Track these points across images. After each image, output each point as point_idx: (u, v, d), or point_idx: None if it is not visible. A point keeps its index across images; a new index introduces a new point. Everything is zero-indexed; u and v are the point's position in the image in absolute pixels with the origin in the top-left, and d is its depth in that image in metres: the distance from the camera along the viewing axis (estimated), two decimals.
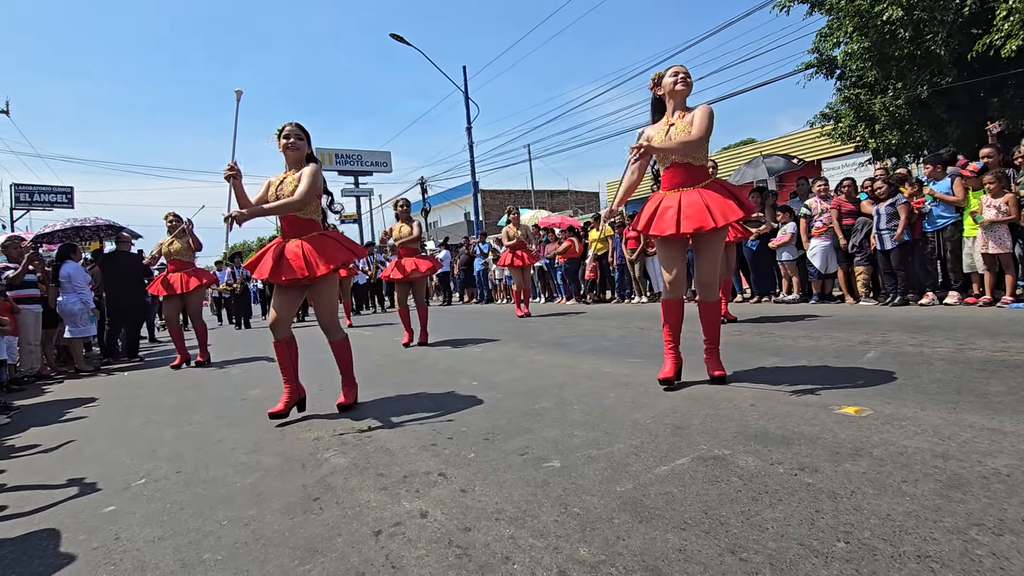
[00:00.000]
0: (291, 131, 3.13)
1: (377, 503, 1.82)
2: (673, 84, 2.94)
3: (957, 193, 5.55)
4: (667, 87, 2.97)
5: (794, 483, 1.64)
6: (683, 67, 2.97)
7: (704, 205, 2.83)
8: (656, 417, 2.44)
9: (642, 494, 1.67)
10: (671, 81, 2.95)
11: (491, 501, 1.74)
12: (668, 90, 2.97)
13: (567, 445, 2.18)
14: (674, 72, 2.96)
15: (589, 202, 33.08)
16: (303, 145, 3.16)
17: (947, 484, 1.55)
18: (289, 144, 3.10)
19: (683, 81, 2.93)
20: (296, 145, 3.12)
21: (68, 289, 6.54)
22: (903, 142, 10.14)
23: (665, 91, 3.00)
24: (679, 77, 2.94)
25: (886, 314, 5.28)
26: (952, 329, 4.09)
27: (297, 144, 3.13)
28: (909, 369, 2.94)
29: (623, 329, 5.72)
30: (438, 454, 2.25)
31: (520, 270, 8.26)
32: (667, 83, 2.97)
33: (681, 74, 2.94)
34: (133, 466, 2.56)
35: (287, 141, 3.11)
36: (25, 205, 25.22)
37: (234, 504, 1.96)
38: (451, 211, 32.34)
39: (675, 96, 2.96)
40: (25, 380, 5.96)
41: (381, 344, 6.52)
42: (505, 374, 3.80)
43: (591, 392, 3.04)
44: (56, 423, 3.79)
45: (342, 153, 30.33)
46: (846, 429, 2.06)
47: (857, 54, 9.23)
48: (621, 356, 4.11)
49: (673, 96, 2.97)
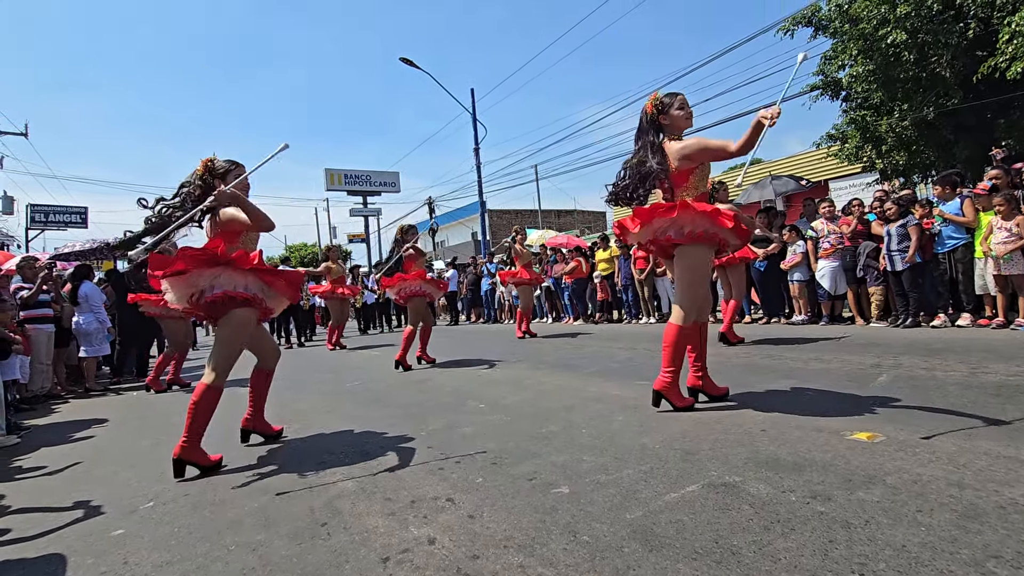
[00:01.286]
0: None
1: (385, 528, 1.81)
2: (685, 118, 2.96)
3: (967, 214, 5.54)
4: (676, 119, 2.96)
5: (807, 512, 1.62)
6: (686, 99, 2.99)
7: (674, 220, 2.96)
8: (665, 442, 2.42)
9: (652, 522, 1.65)
10: (681, 114, 2.95)
11: (499, 528, 1.73)
12: (675, 123, 2.96)
13: (576, 470, 2.17)
14: (682, 104, 2.96)
15: (596, 222, 33.20)
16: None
17: (963, 514, 1.52)
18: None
19: (690, 116, 2.99)
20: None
21: (85, 309, 6.61)
22: (910, 163, 10.15)
23: (671, 121, 2.97)
24: (688, 112, 2.97)
25: (897, 336, 5.23)
26: (965, 352, 4.04)
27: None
28: (922, 394, 2.90)
29: (630, 351, 5.70)
30: (446, 478, 2.24)
31: (524, 290, 8.38)
32: (677, 115, 2.95)
33: (688, 108, 2.98)
34: (141, 488, 2.56)
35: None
36: (40, 225, 25.67)
37: (242, 528, 1.95)
38: (458, 231, 32.53)
39: (680, 128, 2.99)
40: (35, 399, 6.00)
41: (388, 365, 6.52)
42: (512, 396, 3.79)
43: (599, 415, 3.02)
44: (66, 443, 3.81)
45: (351, 173, 30.75)
46: (859, 456, 2.03)
47: (862, 76, 9.30)
48: (629, 378, 4.08)
49: (678, 127, 2.98)
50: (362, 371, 6.18)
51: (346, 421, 3.51)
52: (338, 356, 8.25)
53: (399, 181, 32.05)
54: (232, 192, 2.72)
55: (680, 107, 2.96)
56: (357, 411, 3.82)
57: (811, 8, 10.39)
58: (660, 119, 2.99)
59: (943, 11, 8.36)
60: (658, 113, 2.98)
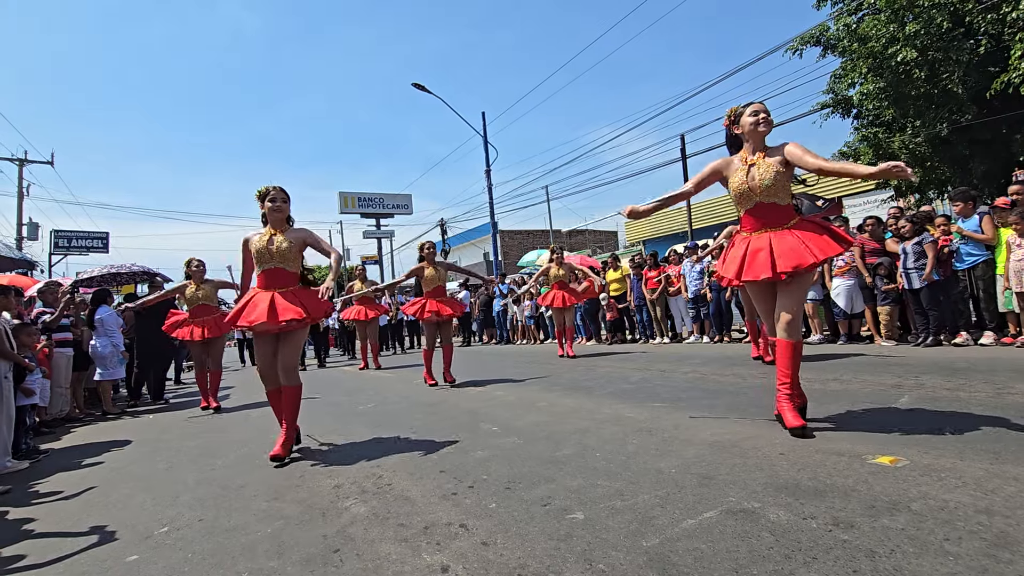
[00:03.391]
0: (276, 195, 3.38)
1: (397, 556, 1.79)
2: (755, 125, 2.79)
3: (987, 231, 5.45)
4: (746, 127, 2.82)
5: (829, 540, 1.57)
6: (763, 105, 2.83)
7: (800, 242, 2.68)
8: (681, 466, 2.38)
9: (669, 550, 1.62)
10: (752, 121, 2.80)
11: (513, 555, 1.70)
12: (747, 130, 2.82)
13: (590, 495, 2.13)
14: (754, 111, 2.81)
15: (608, 241, 33.17)
16: (287, 208, 3.43)
17: (993, 543, 1.47)
18: (275, 207, 3.36)
19: (765, 122, 2.80)
20: (282, 208, 3.39)
21: (100, 332, 6.73)
22: (925, 179, 10.05)
23: (744, 130, 2.84)
24: (760, 118, 2.80)
25: (918, 356, 5.12)
26: (989, 372, 3.94)
27: (283, 207, 3.40)
28: (946, 416, 2.83)
29: (644, 371, 5.64)
30: (459, 503, 2.21)
31: (562, 311, 8.08)
32: (747, 123, 2.81)
33: (762, 114, 2.80)
34: (156, 513, 2.57)
35: (272, 204, 3.36)
36: (63, 250, 26.25)
37: (255, 554, 1.94)
38: (471, 251, 32.69)
39: (755, 136, 2.82)
40: (54, 422, 6.07)
41: (401, 386, 6.53)
42: (525, 418, 3.76)
43: (613, 438, 2.98)
44: (83, 467, 3.84)
45: (364, 196, 31.17)
46: (881, 481, 1.98)
47: (873, 94, 9.28)
48: (643, 400, 4.04)
49: (753, 136, 2.82)
50: (375, 393, 6.18)
51: (359, 444, 3.51)
52: (351, 378, 8.27)
53: (412, 203, 32.42)
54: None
55: (752, 113, 2.81)
56: (370, 434, 3.81)
57: (819, 28, 10.45)
58: (733, 129, 2.92)
59: (952, 28, 8.35)
60: (731, 124, 2.92)
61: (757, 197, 2.80)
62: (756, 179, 2.77)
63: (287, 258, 3.33)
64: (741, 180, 2.81)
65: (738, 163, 2.87)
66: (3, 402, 3.89)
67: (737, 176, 2.83)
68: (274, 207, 3.36)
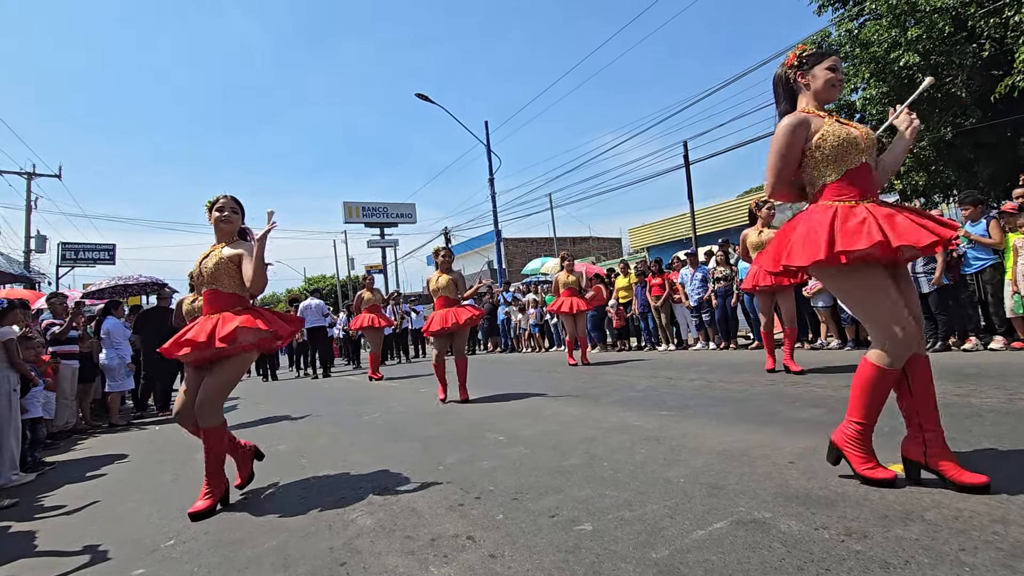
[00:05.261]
0: (225, 204, 2.98)
1: (405, 568, 1.78)
2: (830, 83, 2.19)
3: (994, 235, 5.41)
4: (819, 79, 2.20)
5: (842, 551, 1.55)
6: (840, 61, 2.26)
7: (909, 219, 1.99)
8: (690, 476, 2.36)
9: (679, 561, 1.60)
10: (829, 78, 2.19)
11: (521, 568, 1.68)
12: (819, 85, 2.20)
13: (598, 506, 2.11)
14: (833, 65, 2.20)
15: (612, 248, 33.16)
16: (237, 219, 3.02)
17: (1010, 553, 1.44)
18: (223, 218, 2.96)
19: (840, 82, 2.24)
20: (230, 219, 2.98)
21: (107, 344, 6.76)
22: (930, 183, 10.03)
23: (813, 82, 2.21)
24: (840, 76, 2.23)
25: None
26: (1000, 377, 3.90)
27: (231, 218, 2.99)
28: (957, 422, 2.79)
29: (650, 379, 5.61)
30: (466, 515, 2.20)
31: (573, 318, 7.99)
32: (822, 75, 2.20)
33: (840, 72, 2.23)
34: (162, 525, 2.56)
35: (221, 215, 2.96)
36: (70, 262, 26.46)
37: (261, 567, 1.93)
38: (474, 260, 32.74)
39: (825, 95, 2.22)
40: (61, 434, 6.09)
41: (407, 396, 6.51)
42: (532, 428, 3.74)
43: (621, 447, 2.96)
44: (89, 480, 3.84)
45: (369, 206, 31.38)
46: (894, 490, 1.95)
47: (876, 99, 9.29)
48: (650, 408, 4.01)
49: (822, 94, 2.21)
50: (380, 403, 6.17)
51: (365, 455, 3.49)
52: (357, 387, 8.26)
53: (416, 212, 32.61)
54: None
55: (831, 67, 2.19)
56: (376, 444, 3.80)
57: (820, 34, 10.49)
58: (798, 76, 2.26)
59: (955, 33, 8.36)
60: (795, 69, 2.26)
61: (863, 156, 2.10)
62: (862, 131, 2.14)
63: (217, 278, 2.83)
64: (843, 130, 2.11)
65: (817, 118, 2.17)
66: (12, 415, 3.91)
67: (832, 127, 2.12)
68: (222, 217, 2.94)
